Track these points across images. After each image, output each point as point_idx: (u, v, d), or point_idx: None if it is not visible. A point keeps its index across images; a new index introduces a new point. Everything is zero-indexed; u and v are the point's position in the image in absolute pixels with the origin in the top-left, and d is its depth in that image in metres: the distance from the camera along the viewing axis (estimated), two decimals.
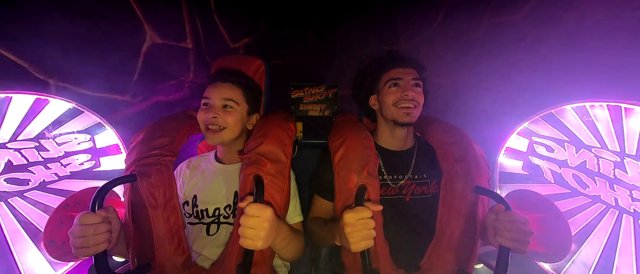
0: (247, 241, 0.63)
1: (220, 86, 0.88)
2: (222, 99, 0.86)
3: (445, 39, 1.42)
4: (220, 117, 0.84)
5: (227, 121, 0.85)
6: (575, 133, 1.06)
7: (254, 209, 0.64)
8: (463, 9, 1.35)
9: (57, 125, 0.99)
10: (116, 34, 1.15)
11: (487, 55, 1.45)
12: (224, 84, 0.88)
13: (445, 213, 0.82)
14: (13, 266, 0.88)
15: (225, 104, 0.86)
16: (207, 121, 0.85)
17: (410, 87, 0.88)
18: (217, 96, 0.86)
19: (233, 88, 0.89)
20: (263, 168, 0.75)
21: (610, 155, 0.96)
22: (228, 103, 0.86)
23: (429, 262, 0.81)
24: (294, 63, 1.47)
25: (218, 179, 0.89)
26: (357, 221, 0.65)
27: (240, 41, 1.39)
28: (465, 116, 1.56)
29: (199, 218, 0.84)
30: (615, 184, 0.95)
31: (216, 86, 0.88)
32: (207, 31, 1.32)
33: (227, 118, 0.85)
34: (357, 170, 0.79)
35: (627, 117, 0.94)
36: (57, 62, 1.05)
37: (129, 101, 1.27)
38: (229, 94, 0.87)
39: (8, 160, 0.89)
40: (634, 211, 0.91)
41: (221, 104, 0.86)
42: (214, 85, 0.88)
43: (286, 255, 0.82)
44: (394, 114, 0.89)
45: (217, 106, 0.86)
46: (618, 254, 0.93)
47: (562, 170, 1.08)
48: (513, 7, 1.31)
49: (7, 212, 0.89)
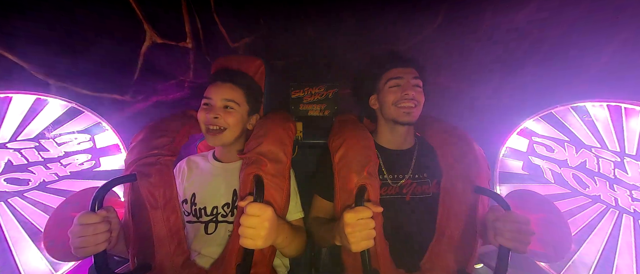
0: (247, 240, 0.63)
1: (221, 86, 0.88)
2: (223, 100, 0.86)
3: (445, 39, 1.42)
4: (221, 118, 0.84)
5: (228, 122, 0.85)
6: (575, 133, 1.06)
7: (254, 208, 0.64)
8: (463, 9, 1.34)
9: (57, 125, 0.99)
10: (116, 34, 1.15)
11: (487, 55, 1.45)
12: (225, 84, 0.88)
13: (445, 212, 0.82)
14: (13, 266, 0.88)
15: (226, 105, 0.86)
16: (207, 121, 0.85)
17: (410, 87, 0.88)
18: (219, 96, 0.86)
19: (234, 88, 0.88)
20: (263, 168, 0.76)
21: (610, 155, 0.96)
22: (229, 104, 0.86)
23: (429, 262, 0.81)
24: (294, 63, 1.47)
25: (217, 177, 0.89)
26: (358, 221, 0.65)
27: (240, 41, 1.39)
28: (465, 116, 1.56)
29: (197, 216, 0.84)
30: (615, 184, 0.94)
31: (217, 86, 0.88)
32: (207, 31, 1.32)
33: (228, 118, 0.85)
34: (357, 170, 0.79)
35: (627, 117, 0.94)
36: (57, 62, 1.05)
37: (129, 101, 1.27)
38: (230, 95, 0.87)
39: (8, 160, 0.89)
40: (634, 211, 0.91)
41: (222, 105, 0.86)
42: (215, 85, 0.88)
43: (288, 253, 0.83)
44: (394, 114, 0.89)
45: (218, 106, 0.85)
46: (618, 254, 0.93)
47: (562, 170, 1.08)
48: (514, 7, 1.31)
49: (7, 212, 0.89)
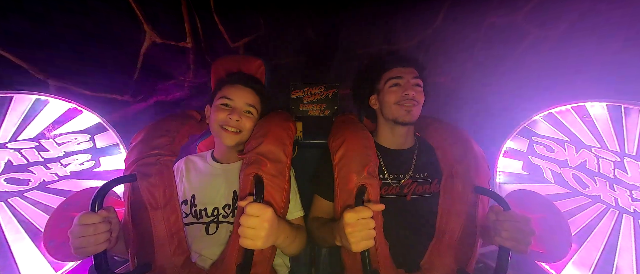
0: (247, 241, 0.63)
1: (244, 90, 0.90)
2: (246, 104, 0.88)
3: (445, 38, 1.42)
4: (242, 121, 0.86)
5: (246, 126, 0.87)
6: (575, 133, 1.06)
7: (254, 208, 0.64)
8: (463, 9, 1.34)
9: (57, 125, 0.99)
10: (116, 34, 1.15)
11: (487, 55, 1.45)
12: (247, 88, 0.90)
13: (445, 212, 0.82)
14: (13, 266, 0.88)
15: (248, 110, 0.89)
16: (227, 121, 0.85)
17: (410, 87, 0.88)
18: (242, 99, 0.88)
19: (254, 94, 0.91)
20: (263, 168, 0.76)
21: (610, 155, 0.96)
22: (250, 109, 0.89)
23: (429, 262, 0.81)
24: (294, 63, 1.47)
25: (216, 179, 0.89)
26: (358, 221, 0.65)
27: (240, 41, 1.39)
28: (465, 116, 1.56)
29: (197, 217, 0.84)
30: (615, 184, 0.94)
31: (240, 89, 0.89)
32: (207, 31, 1.32)
33: (246, 123, 0.87)
34: (357, 170, 0.79)
35: (627, 117, 0.94)
36: (57, 62, 1.05)
37: (129, 101, 1.27)
38: (253, 100, 0.90)
39: (8, 160, 0.89)
40: (634, 211, 0.91)
41: (245, 109, 0.88)
42: (238, 87, 0.90)
43: (290, 251, 0.84)
44: (394, 113, 0.89)
45: (241, 110, 0.87)
46: (618, 254, 0.93)
47: (562, 170, 1.08)
48: (514, 7, 1.31)
49: (7, 212, 0.89)
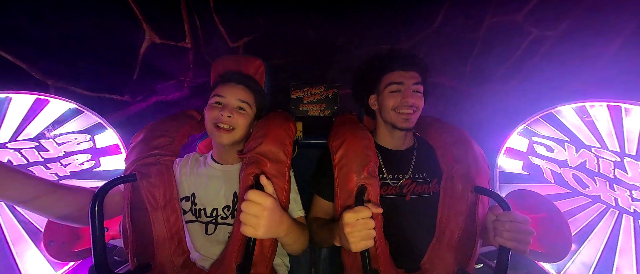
0: (248, 228, 0.63)
1: (236, 87, 0.89)
2: (238, 100, 0.87)
3: (445, 38, 1.42)
4: (234, 117, 0.85)
5: (239, 122, 0.86)
6: (575, 133, 1.06)
7: (255, 195, 0.63)
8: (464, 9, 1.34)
9: (57, 125, 0.99)
10: (115, 34, 1.15)
11: (487, 55, 1.45)
12: (239, 85, 0.90)
13: (445, 213, 0.82)
14: (13, 266, 0.88)
15: (240, 106, 0.88)
16: (219, 118, 0.85)
17: (410, 93, 0.87)
18: (234, 96, 0.87)
19: (248, 91, 0.90)
20: (263, 168, 0.76)
21: (610, 155, 0.96)
22: (243, 105, 0.88)
23: (429, 262, 0.81)
24: (294, 63, 1.47)
25: (216, 180, 0.89)
26: (357, 221, 0.64)
27: (240, 40, 1.39)
28: (465, 116, 1.56)
29: (197, 216, 0.84)
30: (615, 184, 0.94)
31: (232, 86, 0.89)
32: (207, 31, 1.32)
33: (239, 120, 0.86)
34: (357, 170, 0.79)
35: (627, 117, 0.94)
36: (56, 62, 1.05)
37: (129, 101, 1.27)
38: (245, 97, 0.89)
39: (8, 160, 0.89)
40: (634, 211, 0.91)
41: (237, 105, 0.87)
42: (230, 85, 0.89)
43: (295, 249, 0.83)
44: (393, 119, 0.89)
45: (233, 106, 0.87)
46: (618, 254, 0.93)
47: (562, 170, 1.08)
48: (514, 7, 1.31)
49: (7, 212, 0.89)
